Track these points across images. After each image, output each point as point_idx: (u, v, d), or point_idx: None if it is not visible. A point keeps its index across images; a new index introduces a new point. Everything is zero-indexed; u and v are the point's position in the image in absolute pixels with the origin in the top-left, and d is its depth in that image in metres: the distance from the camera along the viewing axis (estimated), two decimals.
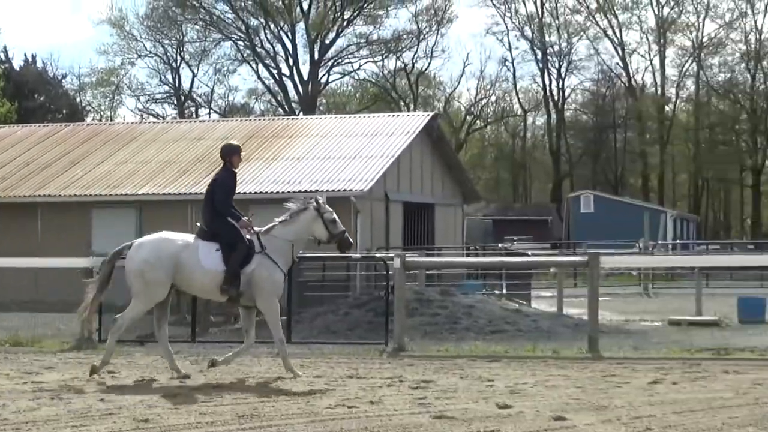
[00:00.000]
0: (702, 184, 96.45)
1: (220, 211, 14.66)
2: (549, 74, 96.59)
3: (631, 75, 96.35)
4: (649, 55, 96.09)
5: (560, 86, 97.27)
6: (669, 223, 71.26)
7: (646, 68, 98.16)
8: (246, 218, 14.79)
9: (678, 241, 67.80)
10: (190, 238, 14.77)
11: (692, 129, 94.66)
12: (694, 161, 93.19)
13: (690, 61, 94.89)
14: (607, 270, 36.54)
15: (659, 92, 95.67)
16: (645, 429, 10.04)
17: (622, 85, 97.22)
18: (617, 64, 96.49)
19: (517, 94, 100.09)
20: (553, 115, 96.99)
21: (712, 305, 27.78)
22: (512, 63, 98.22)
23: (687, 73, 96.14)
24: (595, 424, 10.36)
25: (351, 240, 15.29)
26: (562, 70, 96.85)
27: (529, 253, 37.41)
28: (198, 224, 15.02)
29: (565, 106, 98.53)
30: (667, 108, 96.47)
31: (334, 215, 14.89)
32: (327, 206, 14.93)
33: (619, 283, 42.31)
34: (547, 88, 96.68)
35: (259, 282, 14.47)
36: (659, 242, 59.23)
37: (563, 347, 18.33)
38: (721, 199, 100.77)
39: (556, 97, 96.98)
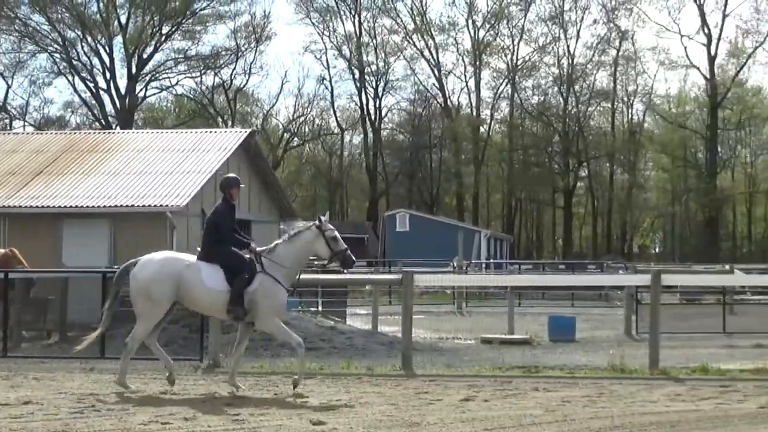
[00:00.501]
0: (515, 204, 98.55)
1: (226, 242, 15.04)
2: (366, 93, 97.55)
3: (447, 96, 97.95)
4: (465, 76, 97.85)
5: (377, 105, 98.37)
6: (483, 242, 72.44)
7: (461, 89, 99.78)
8: (254, 245, 15.22)
9: (491, 260, 69.08)
10: (192, 258, 15.18)
11: (506, 150, 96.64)
12: (507, 182, 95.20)
13: (504, 83, 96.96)
14: (422, 288, 37.00)
15: (474, 113, 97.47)
16: None
17: (438, 105, 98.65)
18: (434, 84, 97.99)
19: (334, 112, 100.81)
20: (370, 134, 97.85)
21: (524, 324, 28.43)
22: (330, 81, 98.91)
23: (501, 95, 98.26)
24: None
25: (353, 258, 15.63)
26: (379, 89, 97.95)
27: (345, 270, 37.61)
28: (198, 249, 15.36)
29: (382, 125, 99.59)
30: (482, 129, 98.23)
31: (336, 233, 15.22)
32: (329, 224, 15.26)
33: (433, 302, 42.86)
34: (364, 107, 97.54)
35: (260, 301, 14.81)
36: (473, 261, 60.31)
37: (377, 364, 18.53)
38: (533, 220, 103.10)
39: (373, 116, 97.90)
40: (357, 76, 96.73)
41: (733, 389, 14.90)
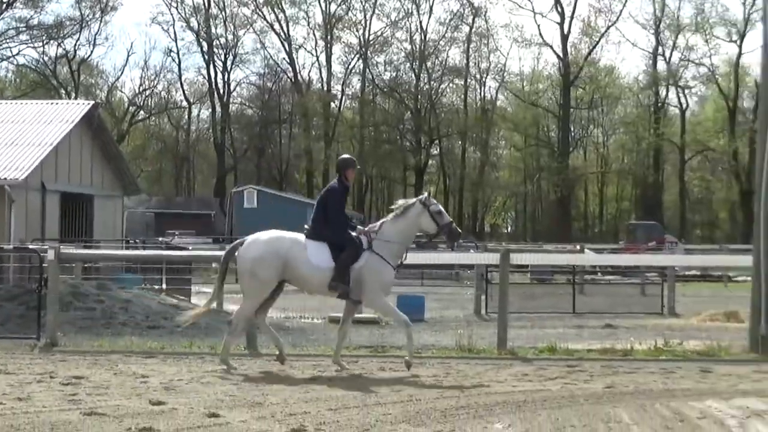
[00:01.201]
0: (366, 182, 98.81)
1: (335, 222, 15.23)
2: (215, 67, 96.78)
3: (297, 70, 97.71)
4: (316, 51, 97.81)
5: (226, 79, 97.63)
6: None
7: (312, 64, 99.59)
8: (360, 227, 15.73)
9: None
10: (299, 236, 15.43)
11: (357, 127, 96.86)
12: (358, 159, 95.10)
13: (356, 58, 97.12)
14: None
15: (325, 89, 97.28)
16: (299, 425, 10.23)
17: (289, 80, 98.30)
18: (284, 59, 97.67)
19: (182, 85, 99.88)
20: (218, 109, 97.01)
21: None
22: (178, 54, 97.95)
23: (353, 71, 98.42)
24: (249, 420, 10.50)
25: (459, 230, 15.95)
26: (228, 62, 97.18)
27: (190, 247, 37.33)
28: (306, 226, 15.65)
29: (231, 99, 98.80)
30: (332, 105, 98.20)
31: (440, 207, 15.56)
32: (433, 199, 15.64)
33: None
34: (213, 81, 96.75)
35: (367, 278, 15.06)
36: None
37: (221, 343, 18.41)
38: (384, 197, 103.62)
39: (221, 90, 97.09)
40: (205, 48, 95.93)
41: (580, 369, 15.18)
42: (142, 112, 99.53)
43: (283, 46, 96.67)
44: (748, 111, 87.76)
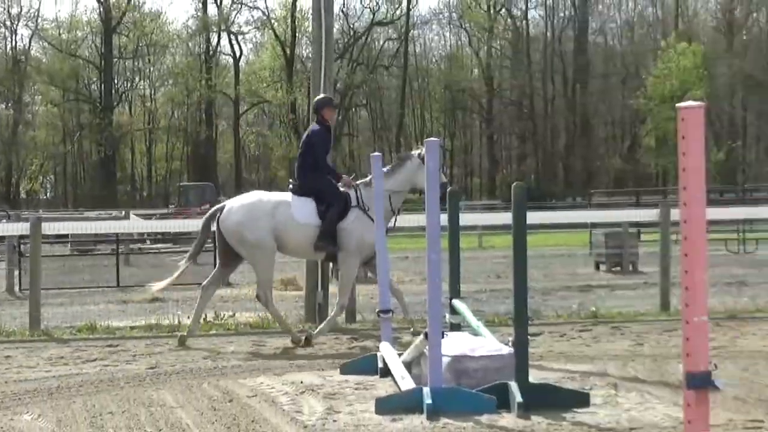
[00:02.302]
0: None
1: (319, 168, 14.82)
2: None
3: None
4: None
5: None
6: None
7: None
8: (346, 176, 15.79)
9: None
10: (284, 195, 15.49)
11: None
12: None
13: None
14: None
15: None
16: None
17: None
18: None
19: None
20: None
21: None
22: None
23: None
24: None
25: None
26: None
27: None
28: (291, 180, 15.74)
29: None
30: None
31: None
32: None
33: None
34: None
35: (347, 237, 15.24)
36: None
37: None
38: None
39: None
40: None
41: (122, 349, 15.14)
42: None
43: None
44: (306, 59, 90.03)
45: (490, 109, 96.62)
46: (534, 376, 10.37)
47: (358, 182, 15.95)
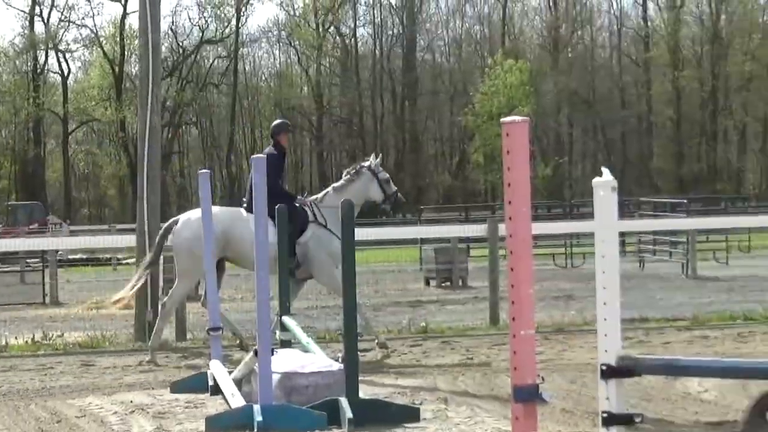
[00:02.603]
0: None
1: (273, 192, 13.53)
2: None
3: None
4: None
5: None
6: None
7: None
8: (301, 197, 16.10)
9: None
10: (239, 211, 15.57)
11: None
12: None
13: None
14: None
15: None
16: None
17: None
18: None
19: None
20: None
21: None
22: None
23: None
24: None
25: (404, 198, 16.83)
26: None
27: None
28: (244, 199, 15.66)
29: None
30: None
31: (387, 175, 16.25)
32: (380, 167, 16.16)
33: None
34: None
35: (315, 253, 15.35)
36: None
37: None
38: None
39: None
40: None
41: None
42: None
43: None
44: (135, 77, 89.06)
45: (320, 127, 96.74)
46: (364, 392, 10.38)
47: (312, 197, 16.26)
